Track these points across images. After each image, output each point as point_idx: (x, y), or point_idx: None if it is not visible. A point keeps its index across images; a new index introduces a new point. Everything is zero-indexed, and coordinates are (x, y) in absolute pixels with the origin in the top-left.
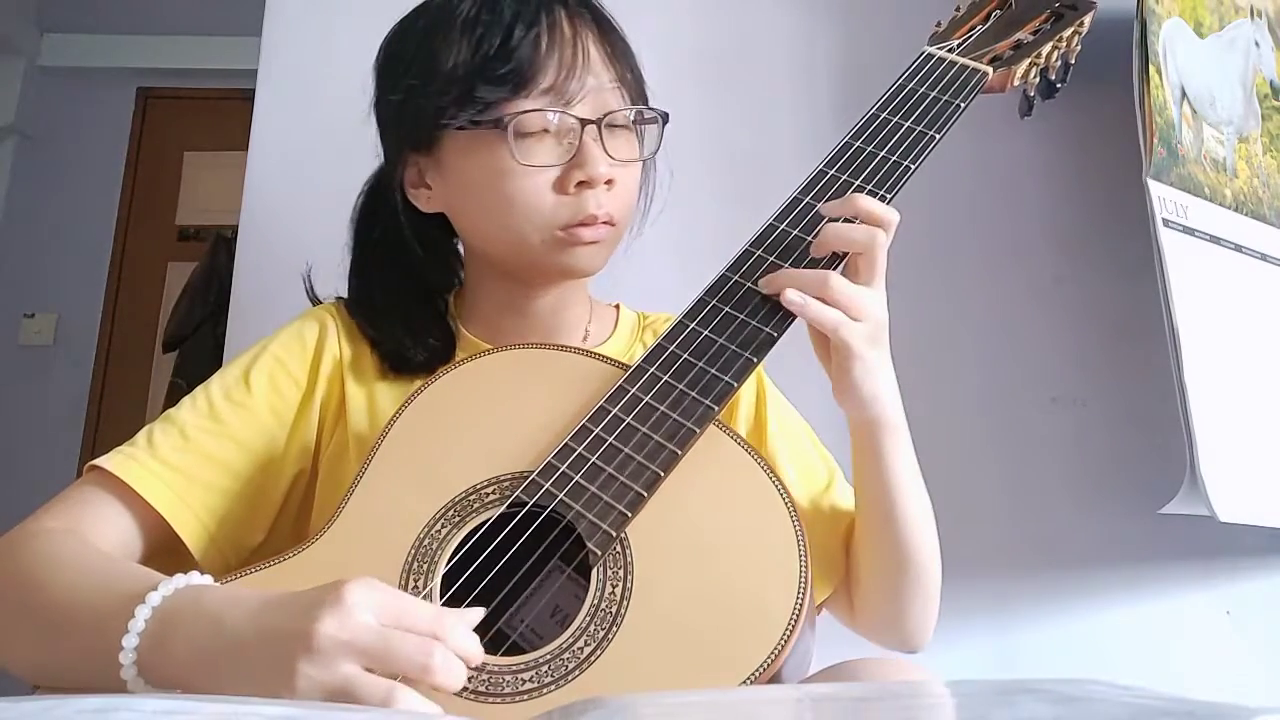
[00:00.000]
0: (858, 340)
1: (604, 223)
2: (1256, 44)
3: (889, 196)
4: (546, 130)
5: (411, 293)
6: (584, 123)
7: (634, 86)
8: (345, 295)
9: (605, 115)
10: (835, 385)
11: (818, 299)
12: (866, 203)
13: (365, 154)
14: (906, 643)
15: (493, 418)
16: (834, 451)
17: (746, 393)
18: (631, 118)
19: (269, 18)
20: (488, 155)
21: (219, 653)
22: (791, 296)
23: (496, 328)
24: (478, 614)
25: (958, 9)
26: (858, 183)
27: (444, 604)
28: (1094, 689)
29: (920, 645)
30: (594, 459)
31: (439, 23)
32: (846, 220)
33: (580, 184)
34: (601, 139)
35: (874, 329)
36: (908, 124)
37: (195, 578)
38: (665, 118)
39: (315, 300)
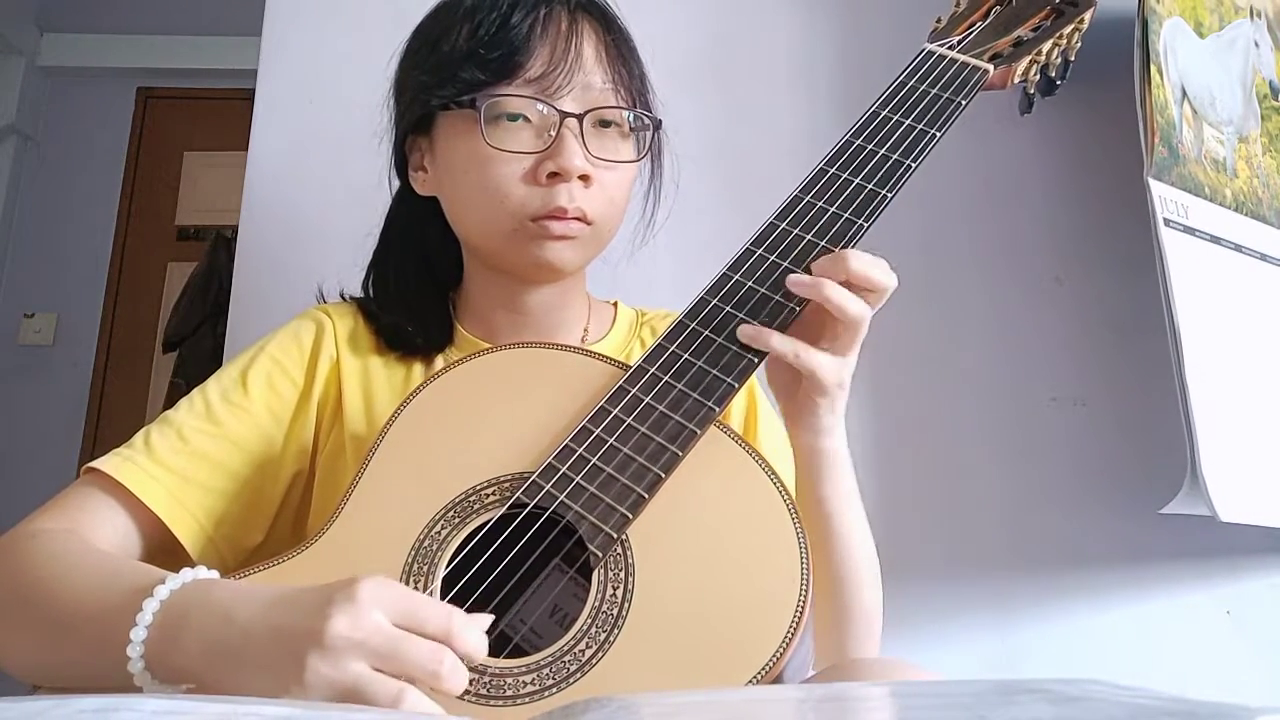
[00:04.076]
0: (831, 384)
1: (575, 218)
2: (1256, 44)
3: (890, 195)
4: (529, 120)
5: (421, 284)
6: (564, 115)
7: (632, 91)
8: (347, 295)
9: (589, 111)
10: (793, 415)
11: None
12: (860, 266)
13: (365, 154)
14: None
15: (492, 418)
16: None
17: (738, 404)
18: (625, 119)
19: (269, 18)
20: (468, 139)
21: (228, 647)
22: (781, 347)
23: (492, 325)
24: (487, 619)
25: (957, 4)
26: (858, 181)
27: None
28: (1094, 689)
29: None
30: (595, 460)
31: (449, 8)
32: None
33: (552, 175)
34: (583, 135)
35: (841, 388)
36: (908, 122)
37: (203, 572)
38: (657, 124)
39: (321, 299)
